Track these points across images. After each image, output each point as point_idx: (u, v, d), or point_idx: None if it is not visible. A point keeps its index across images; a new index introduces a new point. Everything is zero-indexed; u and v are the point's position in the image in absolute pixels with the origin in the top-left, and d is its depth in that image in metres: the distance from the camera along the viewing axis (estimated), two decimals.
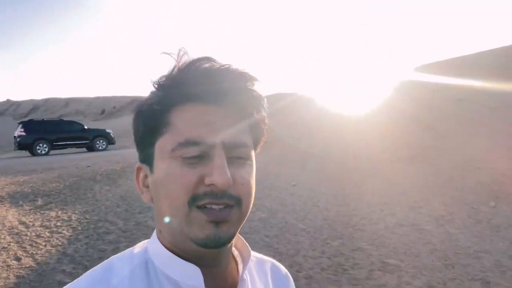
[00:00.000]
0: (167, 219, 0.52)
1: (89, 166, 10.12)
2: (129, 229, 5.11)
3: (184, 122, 0.52)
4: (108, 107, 46.11)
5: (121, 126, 27.16)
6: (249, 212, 0.55)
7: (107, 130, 18.64)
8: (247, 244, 0.64)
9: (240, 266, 0.62)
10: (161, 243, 0.56)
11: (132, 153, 12.51)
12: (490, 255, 4.02)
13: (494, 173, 6.25)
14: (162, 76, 0.55)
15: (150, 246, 0.58)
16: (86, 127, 17.90)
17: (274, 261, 0.72)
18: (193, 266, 0.53)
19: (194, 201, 0.50)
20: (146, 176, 0.57)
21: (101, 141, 17.80)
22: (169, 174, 0.51)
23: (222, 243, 0.52)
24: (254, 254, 0.67)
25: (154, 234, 0.58)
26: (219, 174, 0.49)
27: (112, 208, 6.15)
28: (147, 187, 0.57)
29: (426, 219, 5.16)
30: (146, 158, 0.56)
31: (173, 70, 0.55)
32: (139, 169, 0.59)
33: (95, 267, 0.55)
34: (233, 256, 0.63)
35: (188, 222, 0.51)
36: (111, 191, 7.26)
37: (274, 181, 7.56)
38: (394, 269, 3.76)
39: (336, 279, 3.63)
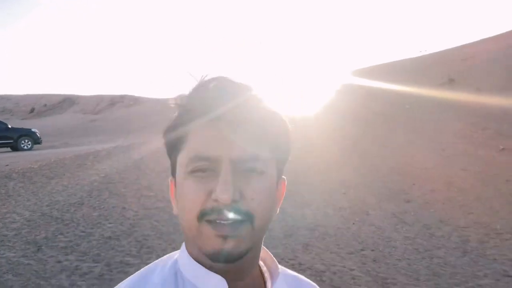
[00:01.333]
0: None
1: (7, 165, 10.29)
2: (33, 219, 5.73)
3: (196, 139, 0.54)
4: (39, 106, 43.95)
5: (52, 126, 26.43)
6: (266, 227, 0.56)
7: (33, 130, 18.31)
8: (274, 259, 0.64)
9: (269, 283, 0.62)
10: (189, 254, 0.57)
11: (56, 152, 12.71)
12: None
13: (417, 172, 7.69)
14: (182, 96, 0.58)
15: (179, 257, 0.60)
16: (10, 126, 17.49)
17: (311, 282, 0.71)
18: (219, 277, 0.54)
19: (202, 216, 0.51)
20: (175, 189, 0.59)
21: (26, 140, 17.48)
22: (183, 189, 0.54)
23: (232, 258, 0.52)
24: (288, 271, 0.68)
25: (183, 246, 0.60)
26: (220, 190, 0.50)
27: (22, 202, 6.67)
28: (176, 200, 0.58)
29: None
30: (173, 172, 0.59)
31: (191, 91, 0.57)
32: (172, 183, 0.61)
33: (136, 273, 0.58)
34: (261, 272, 0.63)
35: (199, 236, 0.52)
36: (25, 188, 7.70)
37: None
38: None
39: None
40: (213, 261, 0.52)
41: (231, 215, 0.51)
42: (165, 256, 0.62)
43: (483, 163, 7.30)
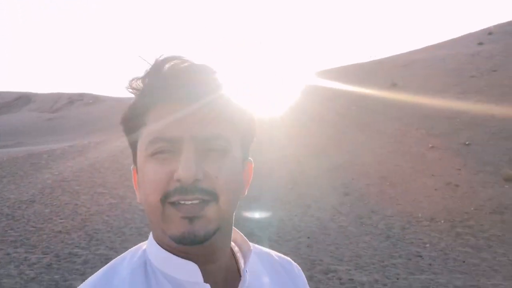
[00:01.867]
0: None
1: None
2: None
3: (154, 122, 0.52)
4: None
5: (5, 124, 25.43)
6: (233, 207, 0.54)
7: None
8: (246, 239, 0.63)
9: (241, 262, 0.61)
10: (157, 242, 0.56)
11: (8, 151, 12.44)
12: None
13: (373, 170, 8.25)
14: (134, 80, 0.57)
15: (148, 246, 0.58)
16: None
17: (284, 256, 0.70)
18: (190, 263, 0.53)
19: (165, 198, 0.50)
20: (138, 177, 0.57)
21: None
22: (143, 173, 0.52)
23: (199, 240, 0.50)
24: (261, 249, 0.68)
25: (151, 235, 0.58)
26: (182, 168, 0.48)
27: None
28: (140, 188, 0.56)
29: None
30: (135, 159, 0.56)
31: (144, 74, 0.56)
32: (134, 170, 0.58)
33: (99, 270, 0.56)
34: (233, 252, 0.62)
35: (164, 220, 0.50)
36: None
37: None
38: None
39: None
40: (180, 244, 0.50)
41: (195, 195, 0.49)
42: (133, 248, 0.60)
43: (414, 159, 8.08)
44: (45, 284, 3.85)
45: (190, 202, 0.49)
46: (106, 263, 0.57)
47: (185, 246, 0.51)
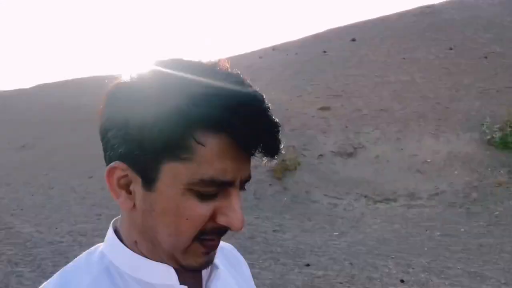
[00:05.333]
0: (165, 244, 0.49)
1: None
2: None
3: (211, 156, 0.45)
4: None
5: None
6: None
7: None
8: None
9: None
10: (129, 247, 0.52)
11: None
12: None
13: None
14: (198, 87, 0.45)
15: (110, 250, 0.53)
16: None
17: (229, 244, 0.70)
18: (165, 266, 0.51)
19: (199, 236, 0.48)
20: (125, 179, 0.48)
21: None
22: (182, 208, 0.46)
23: (208, 266, 0.53)
24: None
25: (112, 237, 0.53)
26: (237, 220, 0.47)
27: None
28: (128, 192, 0.49)
29: None
30: (142, 167, 0.47)
31: (217, 84, 0.45)
32: (116, 169, 0.48)
33: (51, 280, 0.51)
34: None
35: (186, 252, 0.49)
36: None
37: None
38: None
39: None
40: (188, 270, 0.51)
41: (224, 235, 0.50)
42: (83, 254, 0.55)
43: None
44: None
45: (215, 239, 0.50)
46: None
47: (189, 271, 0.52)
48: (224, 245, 0.67)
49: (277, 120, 0.47)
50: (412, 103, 9.58)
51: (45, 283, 0.51)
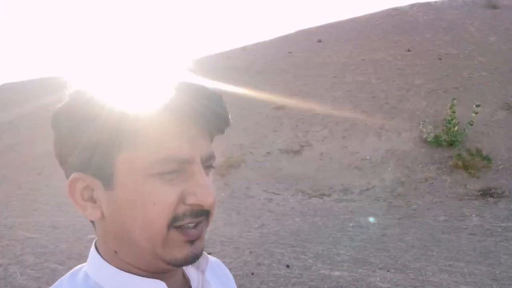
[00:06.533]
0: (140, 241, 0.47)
1: None
2: None
3: (159, 135, 0.46)
4: None
5: None
6: None
7: None
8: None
9: (189, 270, 0.59)
10: (111, 264, 0.50)
11: None
12: None
13: None
14: (131, 74, 0.50)
15: (94, 271, 0.51)
16: None
17: (215, 258, 0.71)
18: (158, 282, 0.50)
19: (173, 222, 0.47)
20: (88, 189, 0.49)
21: None
22: (145, 195, 0.45)
23: (197, 259, 0.50)
24: None
25: (95, 257, 0.52)
26: (206, 194, 0.47)
27: None
28: (93, 202, 0.49)
29: None
30: (97, 169, 0.47)
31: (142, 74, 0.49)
32: (76, 181, 0.48)
33: None
34: None
35: (165, 245, 0.47)
36: None
37: None
38: None
39: None
40: (179, 266, 0.49)
41: (202, 217, 0.49)
42: (64, 278, 0.53)
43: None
44: None
45: (191, 224, 0.48)
46: None
47: (175, 268, 0.50)
48: (211, 259, 0.66)
49: (216, 91, 0.50)
50: (363, 103, 9.90)
51: None
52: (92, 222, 0.52)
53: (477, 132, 7.73)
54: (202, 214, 0.49)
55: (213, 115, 0.49)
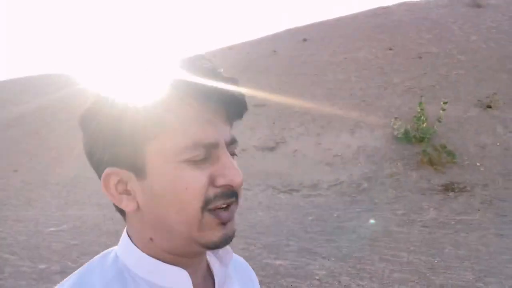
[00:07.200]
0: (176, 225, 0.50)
1: None
2: None
3: (186, 122, 0.48)
4: None
5: None
6: None
7: None
8: None
9: (214, 263, 0.61)
10: (143, 251, 0.53)
11: None
12: None
13: None
14: (143, 68, 0.51)
15: (124, 254, 0.54)
16: None
17: (243, 259, 0.72)
18: (180, 270, 0.53)
19: (206, 205, 0.49)
20: (121, 182, 0.51)
21: None
22: (178, 181, 0.48)
23: (230, 241, 0.52)
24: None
25: (127, 242, 0.55)
26: (235, 174, 0.49)
27: None
28: (128, 194, 0.52)
29: None
30: (129, 162, 0.50)
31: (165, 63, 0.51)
32: (109, 175, 0.51)
33: (65, 281, 0.52)
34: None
35: (200, 228, 0.49)
36: None
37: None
38: None
39: None
40: (214, 249, 0.52)
41: (233, 198, 0.51)
42: (97, 257, 0.56)
43: None
44: None
45: (223, 207, 0.50)
46: None
47: (208, 250, 0.53)
48: (238, 258, 0.70)
49: (233, 76, 0.52)
50: (340, 101, 10.01)
51: (59, 284, 0.52)
52: (123, 215, 0.56)
53: (448, 129, 7.86)
54: (232, 195, 0.51)
55: (232, 100, 0.52)
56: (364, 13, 16.51)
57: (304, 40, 14.67)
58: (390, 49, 12.49)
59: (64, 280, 0.52)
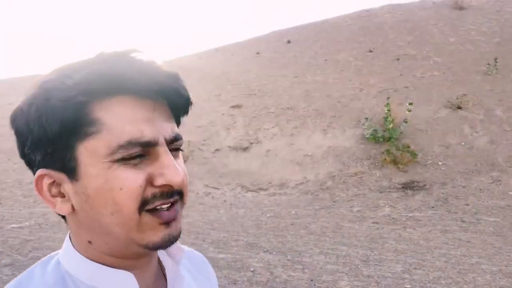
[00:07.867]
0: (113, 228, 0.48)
1: None
2: None
3: (120, 120, 0.46)
4: None
5: None
6: None
7: None
8: None
9: (167, 263, 0.59)
10: (84, 255, 0.51)
11: None
12: None
13: None
14: (78, 65, 0.48)
15: (66, 259, 0.52)
16: None
17: (201, 255, 0.72)
18: (125, 273, 0.51)
19: (143, 206, 0.47)
20: (54, 184, 0.49)
21: None
22: (111, 181, 0.46)
23: (175, 241, 0.50)
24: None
25: (69, 247, 0.53)
26: (174, 174, 0.47)
27: None
28: (62, 196, 0.49)
29: None
30: (61, 163, 0.47)
31: (96, 58, 0.48)
32: (42, 177, 0.49)
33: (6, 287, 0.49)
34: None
35: (140, 229, 0.48)
36: None
37: None
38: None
39: None
40: (156, 249, 0.50)
41: (174, 197, 0.49)
42: (38, 263, 0.54)
43: None
44: None
45: (165, 206, 0.48)
46: None
47: (150, 251, 0.50)
48: (195, 255, 0.70)
49: (173, 70, 0.49)
50: (316, 102, 10.18)
51: None
52: (64, 218, 0.53)
53: (416, 129, 8.03)
54: (174, 194, 0.49)
55: (173, 95, 0.49)
56: (348, 15, 16.71)
57: (288, 42, 14.85)
58: (370, 51, 12.67)
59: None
